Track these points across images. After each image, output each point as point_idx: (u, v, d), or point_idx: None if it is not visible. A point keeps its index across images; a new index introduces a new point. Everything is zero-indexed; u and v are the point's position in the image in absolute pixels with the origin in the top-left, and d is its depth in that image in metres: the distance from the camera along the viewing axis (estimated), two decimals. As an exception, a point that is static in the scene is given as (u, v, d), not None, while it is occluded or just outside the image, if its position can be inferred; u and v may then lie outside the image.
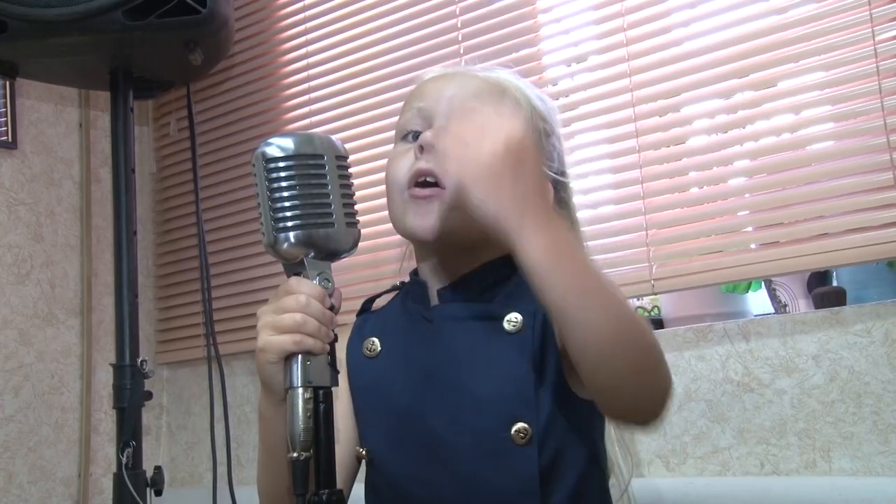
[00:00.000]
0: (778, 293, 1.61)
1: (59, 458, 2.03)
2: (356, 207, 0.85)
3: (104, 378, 2.08)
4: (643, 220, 1.52)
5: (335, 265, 0.85)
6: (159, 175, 2.28)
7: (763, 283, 1.61)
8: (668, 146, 1.54)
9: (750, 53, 1.46)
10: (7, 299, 1.99)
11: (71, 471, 2.05)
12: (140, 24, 1.58)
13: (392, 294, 1.10)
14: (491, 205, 0.78)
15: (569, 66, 1.67)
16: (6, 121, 2.02)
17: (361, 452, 1.01)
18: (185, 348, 2.16)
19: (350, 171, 0.85)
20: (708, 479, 1.43)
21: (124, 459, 1.58)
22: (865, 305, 1.36)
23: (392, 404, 0.99)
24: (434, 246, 0.99)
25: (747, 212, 1.47)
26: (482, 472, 0.92)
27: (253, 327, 0.86)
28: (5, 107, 2.02)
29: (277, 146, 0.82)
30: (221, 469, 1.87)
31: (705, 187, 1.51)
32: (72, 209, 2.14)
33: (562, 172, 1.05)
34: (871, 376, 1.32)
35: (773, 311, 1.61)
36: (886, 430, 1.31)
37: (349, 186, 0.84)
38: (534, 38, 1.68)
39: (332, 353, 0.83)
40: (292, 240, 0.81)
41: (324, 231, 0.82)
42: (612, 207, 1.57)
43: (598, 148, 1.59)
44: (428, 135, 0.94)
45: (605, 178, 1.58)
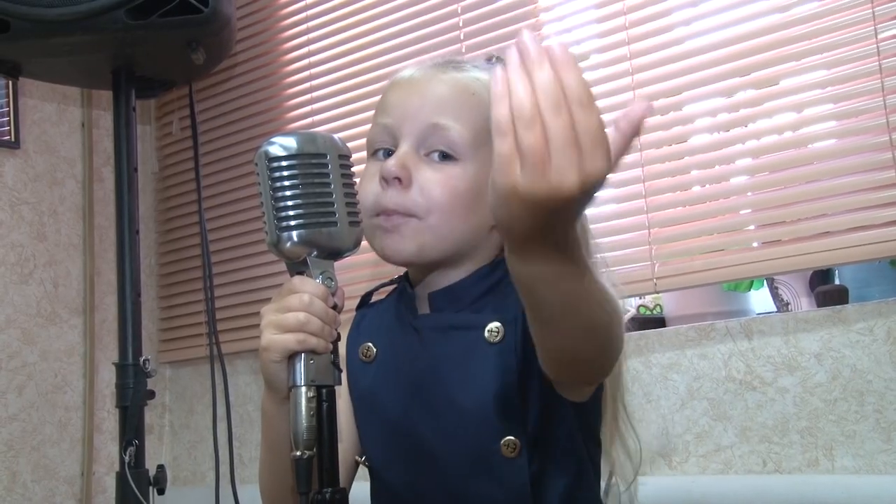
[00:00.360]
0: (780, 291, 1.61)
1: (63, 457, 2.04)
2: (359, 206, 0.86)
3: (107, 377, 2.09)
4: (645, 219, 1.52)
5: (338, 264, 0.85)
6: (162, 174, 2.28)
7: (765, 282, 1.61)
8: (670, 144, 1.54)
9: (752, 52, 1.45)
10: (10, 298, 2.00)
11: (74, 470, 2.05)
12: (142, 23, 1.58)
13: (391, 287, 1.09)
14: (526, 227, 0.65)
15: (570, 64, 1.67)
16: (9, 120, 2.03)
17: (360, 459, 1.01)
18: (188, 347, 2.16)
19: (353, 169, 0.85)
20: (710, 478, 1.43)
21: (127, 458, 1.58)
22: (868, 304, 1.36)
23: (385, 412, 0.99)
24: (415, 267, 0.99)
25: (749, 210, 1.47)
26: (474, 485, 0.91)
27: (255, 326, 0.86)
28: (8, 106, 2.03)
29: (280, 145, 0.81)
30: (224, 468, 1.88)
31: (707, 186, 1.51)
32: (74, 208, 2.14)
33: None
34: (873, 374, 1.32)
35: (775, 309, 1.61)
36: (889, 428, 1.31)
37: (352, 185, 0.84)
38: (535, 36, 1.68)
39: (336, 351, 0.83)
40: (295, 239, 0.81)
41: (326, 230, 0.82)
42: (614, 206, 1.57)
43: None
44: (391, 166, 0.92)
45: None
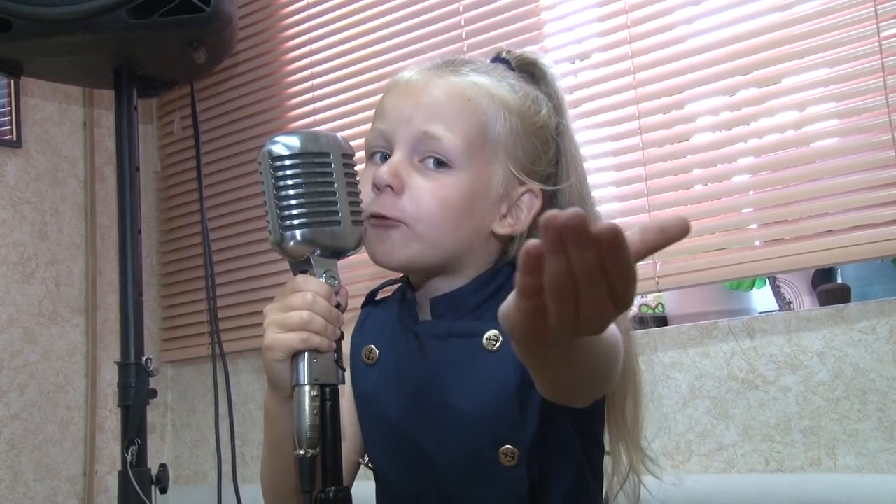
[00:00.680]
0: (782, 290, 1.60)
1: (65, 456, 2.04)
2: (362, 205, 0.86)
3: (109, 376, 2.09)
4: (647, 218, 1.52)
5: (340, 263, 0.85)
6: (163, 173, 2.28)
7: (767, 281, 1.61)
8: (672, 143, 1.54)
9: (754, 50, 1.45)
10: (12, 298, 2.00)
11: (76, 469, 2.05)
12: (144, 22, 1.58)
13: (396, 285, 1.09)
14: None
15: (572, 63, 1.67)
16: (11, 119, 2.03)
17: (363, 460, 1.01)
18: (190, 346, 2.16)
19: (356, 168, 0.85)
20: (712, 477, 1.43)
21: (129, 457, 1.58)
22: (870, 302, 1.35)
23: (386, 416, 0.99)
24: (410, 273, 0.99)
25: (751, 209, 1.47)
26: (473, 493, 0.92)
27: (258, 325, 0.86)
28: (10, 105, 2.03)
29: (283, 144, 0.82)
30: (226, 467, 1.88)
31: (709, 184, 1.51)
32: (76, 208, 2.14)
33: (553, 174, 1.00)
34: (876, 373, 1.32)
35: (777, 308, 1.61)
36: (891, 426, 1.31)
37: (355, 184, 0.84)
38: (537, 35, 1.68)
39: (339, 350, 0.83)
40: (298, 238, 0.81)
41: (330, 229, 0.82)
42: (616, 204, 1.56)
43: (602, 145, 1.59)
44: (383, 174, 0.92)
45: (609, 175, 1.58)
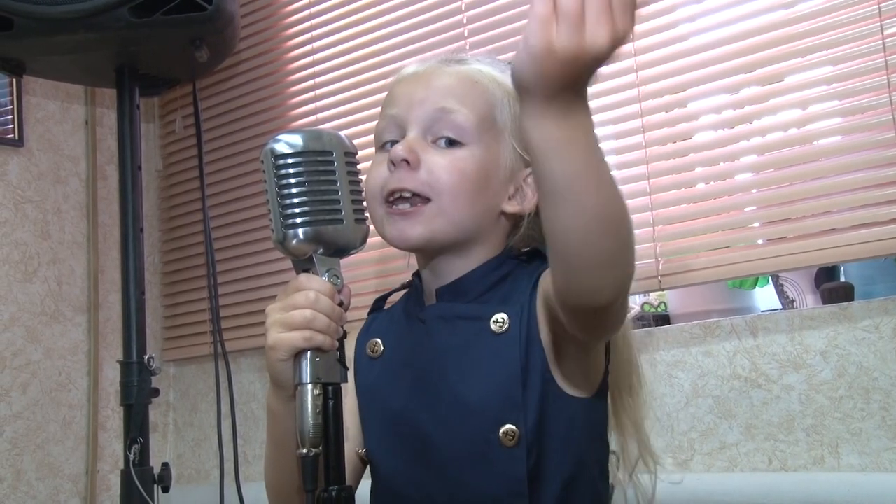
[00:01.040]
0: (785, 289, 1.60)
1: (67, 455, 2.04)
2: (364, 203, 0.86)
3: (111, 375, 2.09)
4: (650, 216, 1.52)
5: (343, 262, 0.85)
6: (165, 172, 2.28)
7: (770, 279, 1.61)
8: (675, 141, 1.53)
9: (756, 48, 1.45)
10: (14, 297, 2.00)
11: (79, 467, 2.05)
12: (146, 21, 1.58)
13: (403, 291, 1.10)
14: (533, 78, 0.69)
15: (575, 61, 1.66)
16: (13, 118, 2.03)
17: (361, 452, 1.01)
18: (192, 345, 2.16)
19: (358, 167, 0.85)
20: (715, 476, 1.43)
21: (132, 456, 1.58)
22: (873, 301, 1.35)
23: (387, 405, 1.00)
24: (424, 253, 1.00)
25: (754, 207, 1.47)
26: (470, 473, 0.92)
27: (260, 324, 0.86)
28: (12, 104, 2.02)
29: (286, 142, 0.82)
30: (228, 466, 1.87)
31: (712, 183, 1.50)
32: (78, 206, 2.14)
33: None
34: (879, 372, 1.32)
35: (780, 306, 1.61)
36: (895, 425, 1.30)
37: (358, 182, 0.84)
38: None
39: (342, 349, 0.83)
40: (301, 236, 0.81)
41: (333, 227, 0.82)
42: (619, 203, 1.56)
43: (605, 144, 1.59)
44: (399, 149, 0.94)
45: (612, 173, 1.58)
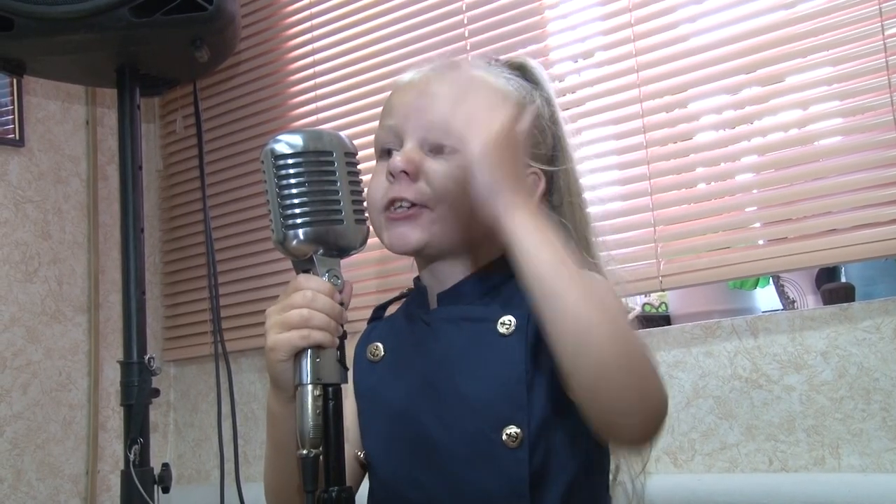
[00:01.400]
0: (786, 289, 1.60)
1: (67, 455, 2.04)
2: (365, 204, 0.85)
3: (112, 375, 2.09)
4: (651, 217, 1.52)
5: (344, 262, 0.85)
6: (166, 172, 2.28)
7: (771, 280, 1.61)
8: (675, 142, 1.53)
9: (758, 49, 1.45)
10: (15, 297, 2.00)
11: (79, 468, 2.06)
12: (146, 21, 1.58)
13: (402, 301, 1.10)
14: (494, 177, 0.82)
15: (576, 62, 1.67)
16: (13, 118, 2.03)
17: (360, 455, 1.01)
18: (193, 345, 2.16)
19: (359, 167, 0.85)
20: (716, 476, 1.43)
21: (132, 456, 1.58)
22: (874, 301, 1.35)
23: (389, 407, 1.00)
24: (422, 257, 1.01)
25: (755, 207, 1.47)
26: (473, 474, 0.92)
27: (260, 324, 0.86)
28: (12, 104, 2.03)
29: (286, 143, 0.82)
30: (229, 466, 1.88)
31: (713, 183, 1.50)
32: (79, 206, 2.14)
33: (552, 157, 1.03)
34: (880, 372, 1.32)
35: (781, 307, 1.61)
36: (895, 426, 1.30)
37: (358, 183, 0.84)
38: (541, 34, 1.68)
39: (342, 349, 0.83)
40: (301, 237, 0.81)
41: (333, 228, 0.82)
42: (620, 204, 1.56)
43: (606, 144, 1.59)
44: (397, 161, 0.95)
45: (613, 174, 1.58)
